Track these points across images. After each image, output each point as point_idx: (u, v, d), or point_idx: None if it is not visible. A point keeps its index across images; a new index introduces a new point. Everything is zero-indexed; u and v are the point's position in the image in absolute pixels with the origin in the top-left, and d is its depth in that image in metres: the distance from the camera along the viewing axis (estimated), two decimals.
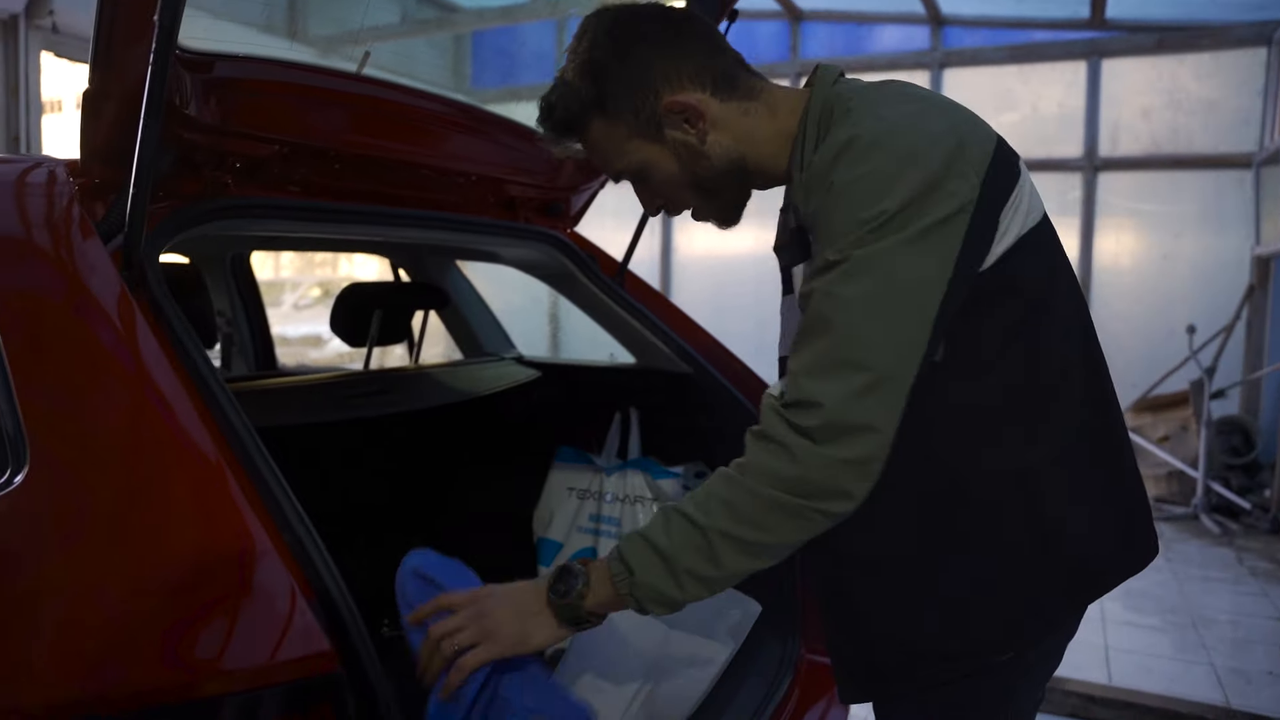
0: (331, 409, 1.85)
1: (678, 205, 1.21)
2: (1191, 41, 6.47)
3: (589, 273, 2.07)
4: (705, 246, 8.14)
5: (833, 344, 0.97)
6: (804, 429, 0.96)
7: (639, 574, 1.04)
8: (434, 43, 7.57)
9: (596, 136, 1.16)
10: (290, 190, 1.58)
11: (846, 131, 1.02)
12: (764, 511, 0.99)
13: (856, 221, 0.97)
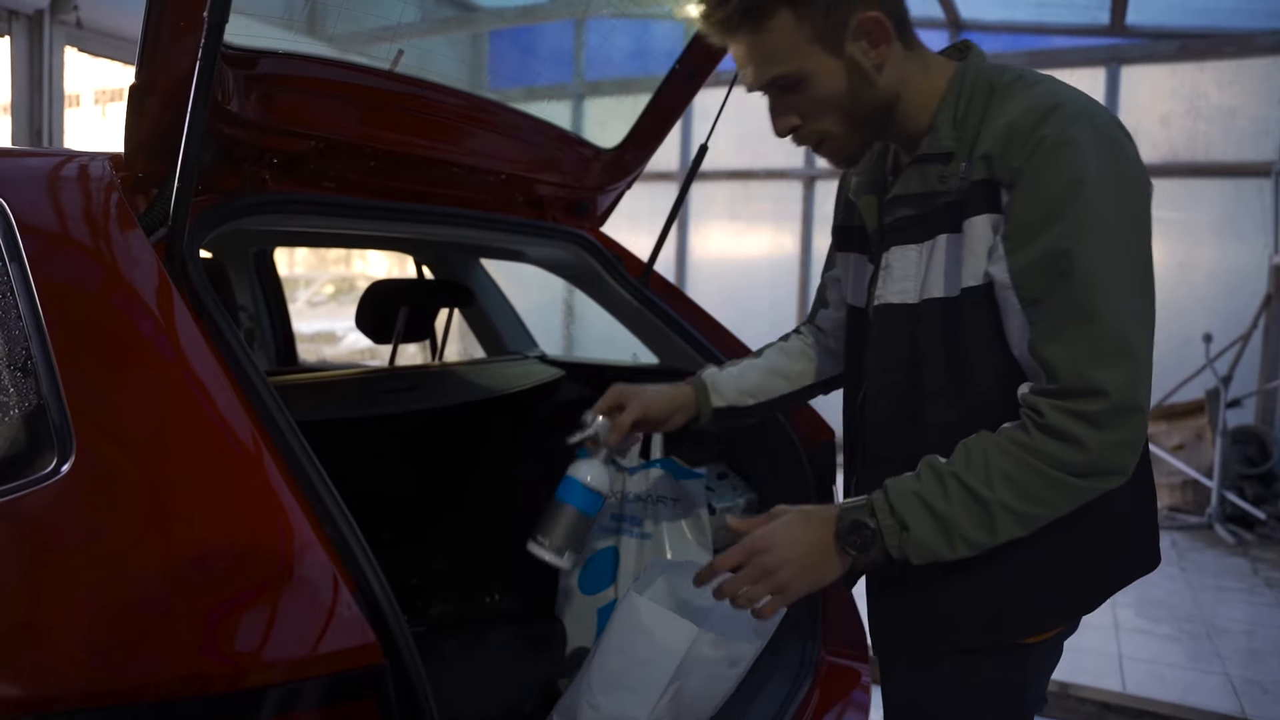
0: (364, 404, 1.87)
1: (815, 128, 1.20)
2: (1213, 49, 6.44)
3: (615, 273, 2.08)
4: (720, 249, 8.14)
5: (1103, 328, 1.03)
6: (1089, 416, 1.02)
7: (914, 532, 1.08)
8: (452, 42, 7.60)
9: (775, 31, 1.13)
10: (325, 186, 1.59)
11: (1041, 99, 1.09)
12: (1048, 490, 1.05)
13: (1074, 182, 1.04)
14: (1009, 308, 1.10)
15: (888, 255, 1.23)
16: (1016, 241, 1.07)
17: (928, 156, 1.18)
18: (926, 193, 1.18)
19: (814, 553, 1.13)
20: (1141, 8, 6.31)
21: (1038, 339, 1.06)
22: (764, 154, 7.90)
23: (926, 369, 1.18)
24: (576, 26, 8.01)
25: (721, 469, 2.16)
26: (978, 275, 1.12)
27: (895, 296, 1.21)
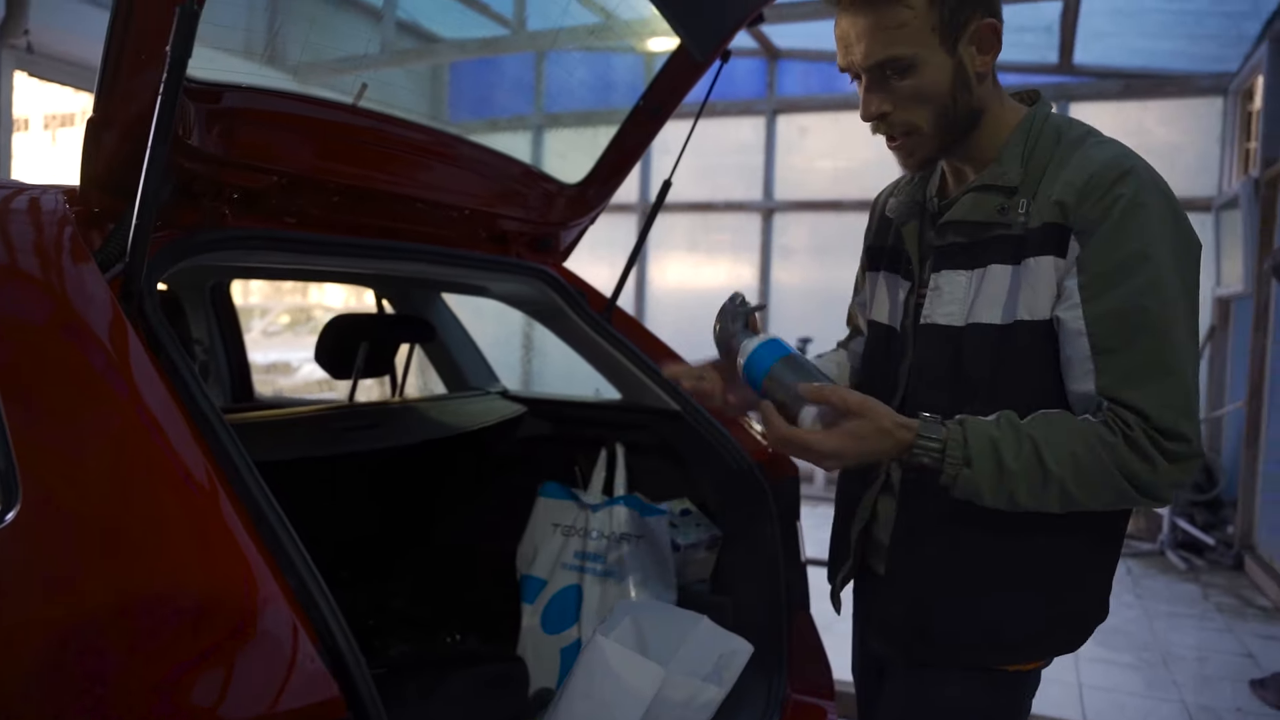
0: (323, 443, 1.83)
1: (906, 118, 1.21)
2: (1156, 88, 6.64)
3: (578, 308, 2.07)
4: (679, 279, 8.18)
5: (1182, 383, 1.13)
6: (1169, 452, 1.11)
7: (975, 468, 1.12)
8: (412, 73, 7.59)
9: (905, 14, 1.15)
10: (287, 221, 1.57)
11: (1118, 159, 1.16)
12: (1105, 488, 1.13)
13: (1148, 244, 1.12)
14: (1075, 349, 1.16)
15: (937, 277, 1.27)
16: (1092, 291, 1.13)
17: (990, 187, 1.22)
18: (983, 222, 1.22)
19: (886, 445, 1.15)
20: (1088, 48, 6.49)
21: (1114, 383, 1.13)
22: (723, 186, 7.98)
23: (967, 389, 1.23)
24: (537, 59, 8.07)
25: (685, 505, 2.15)
26: (1036, 311, 1.18)
27: (942, 318, 1.25)
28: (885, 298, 1.41)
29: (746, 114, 7.92)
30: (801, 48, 7.64)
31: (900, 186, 1.42)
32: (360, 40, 5.69)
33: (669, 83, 2.04)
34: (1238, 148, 6.34)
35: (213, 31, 1.62)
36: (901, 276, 1.37)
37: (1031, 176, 1.20)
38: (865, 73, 1.19)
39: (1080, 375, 1.16)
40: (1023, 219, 1.19)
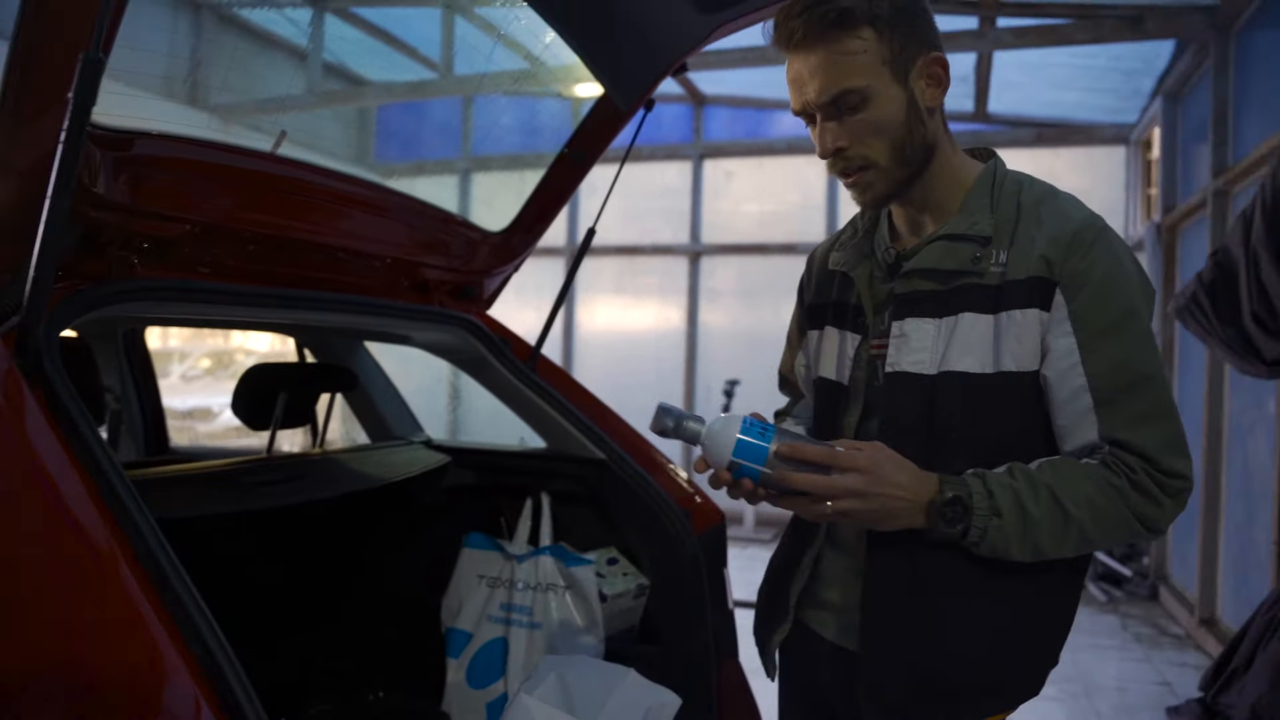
0: (239, 498, 1.77)
1: (862, 152, 1.21)
2: (1064, 137, 6.94)
3: (501, 357, 2.05)
4: (607, 322, 8.19)
5: (1177, 426, 1.19)
6: (1171, 490, 1.17)
7: (1005, 520, 1.14)
8: (339, 114, 7.52)
9: (855, 45, 1.16)
10: (200, 271, 1.52)
11: (1091, 217, 1.21)
12: (1118, 528, 1.17)
13: (1133, 300, 1.18)
14: (1074, 404, 1.18)
15: (901, 325, 1.26)
16: (1091, 348, 1.17)
17: (962, 236, 1.23)
18: (954, 270, 1.23)
19: (902, 503, 1.15)
20: (1001, 98, 6.75)
21: (1117, 428, 1.17)
22: (651, 230, 8.05)
23: (938, 438, 1.22)
24: (465, 103, 8.07)
25: (612, 554, 2.13)
26: (1023, 363, 1.19)
27: (911, 366, 1.24)
28: (832, 353, 1.38)
29: (673, 158, 8.03)
30: (727, 94, 7.80)
31: (842, 241, 1.42)
32: (285, 82, 5.62)
33: (593, 130, 2.06)
34: (1140, 194, 6.64)
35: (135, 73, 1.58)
36: (850, 330, 1.35)
37: (1002, 228, 1.22)
38: (820, 109, 1.20)
39: (1080, 429, 1.19)
40: (999, 270, 1.20)
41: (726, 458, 1.15)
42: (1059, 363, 1.18)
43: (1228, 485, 4.81)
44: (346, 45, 6.35)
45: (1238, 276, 3.25)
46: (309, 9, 5.14)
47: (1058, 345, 1.18)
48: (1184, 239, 5.56)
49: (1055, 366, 1.18)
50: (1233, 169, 4.46)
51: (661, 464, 2.09)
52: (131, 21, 1.40)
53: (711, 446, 1.16)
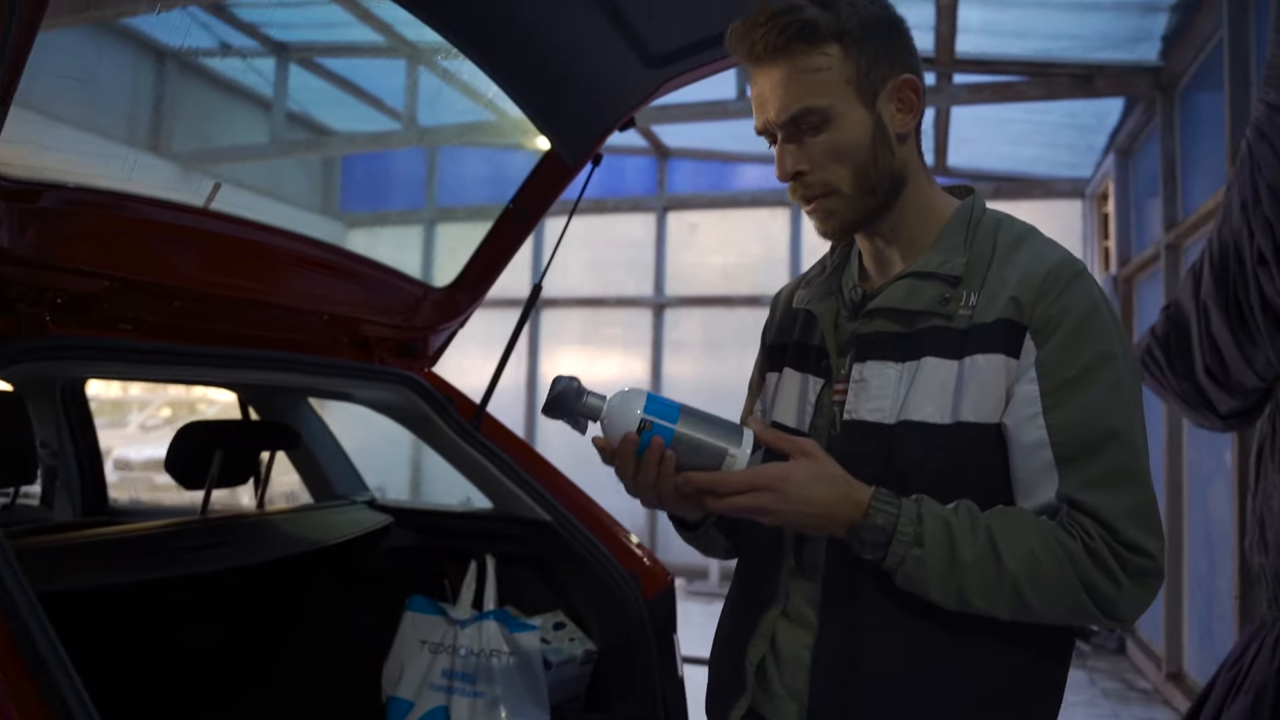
0: (167, 564, 1.69)
1: (824, 178, 1.13)
2: (1023, 191, 7.06)
3: (445, 415, 2.00)
4: (571, 374, 8.15)
5: (1147, 495, 1.05)
6: (1132, 568, 1.03)
7: (926, 554, 1.03)
8: (304, 163, 7.50)
9: (819, 61, 1.08)
10: (121, 329, 1.47)
11: (1067, 258, 1.11)
12: (1062, 596, 1.03)
13: (1108, 349, 1.07)
14: (1033, 461, 1.07)
15: (862, 368, 1.16)
16: (1056, 399, 1.06)
17: (930, 274, 1.14)
18: (919, 311, 1.13)
19: (820, 519, 1.06)
20: (960, 152, 6.86)
21: (1076, 488, 1.05)
22: (615, 281, 8.05)
23: (901, 491, 1.10)
24: (430, 153, 8.08)
25: (559, 619, 2.07)
26: (983, 414, 1.09)
27: (870, 414, 1.14)
28: (792, 397, 1.27)
29: (637, 210, 8.07)
30: (691, 147, 7.87)
31: (810, 279, 1.32)
32: (250, 129, 5.59)
33: (539, 186, 2.04)
34: (1097, 246, 6.74)
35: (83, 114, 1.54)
36: (812, 373, 1.25)
37: (974, 269, 1.12)
38: (780, 128, 1.12)
39: (1039, 486, 1.07)
40: (967, 313, 1.10)
41: (634, 419, 1.04)
42: (1019, 411, 1.07)
43: (1189, 536, 4.81)
44: (311, 94, 6.36)
45: (1189, 330, 3.27)
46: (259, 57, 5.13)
47: (1019, 392, 1.07)
48: (1140, 291, 5.64)
49: (1015, 415, 1.07)
50: (1183, 223, 4.53)
51: (609, 526, 2.04)
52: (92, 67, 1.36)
53: (617, 415, 1.05)
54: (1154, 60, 4.83)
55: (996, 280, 1.11)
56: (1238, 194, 2.73)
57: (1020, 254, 1.12)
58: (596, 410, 1.08)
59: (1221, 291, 3.02)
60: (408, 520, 2.26)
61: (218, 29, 5.48)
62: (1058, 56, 5.06)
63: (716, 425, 1.07)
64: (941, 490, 1.10)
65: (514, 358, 1.95)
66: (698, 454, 1.05)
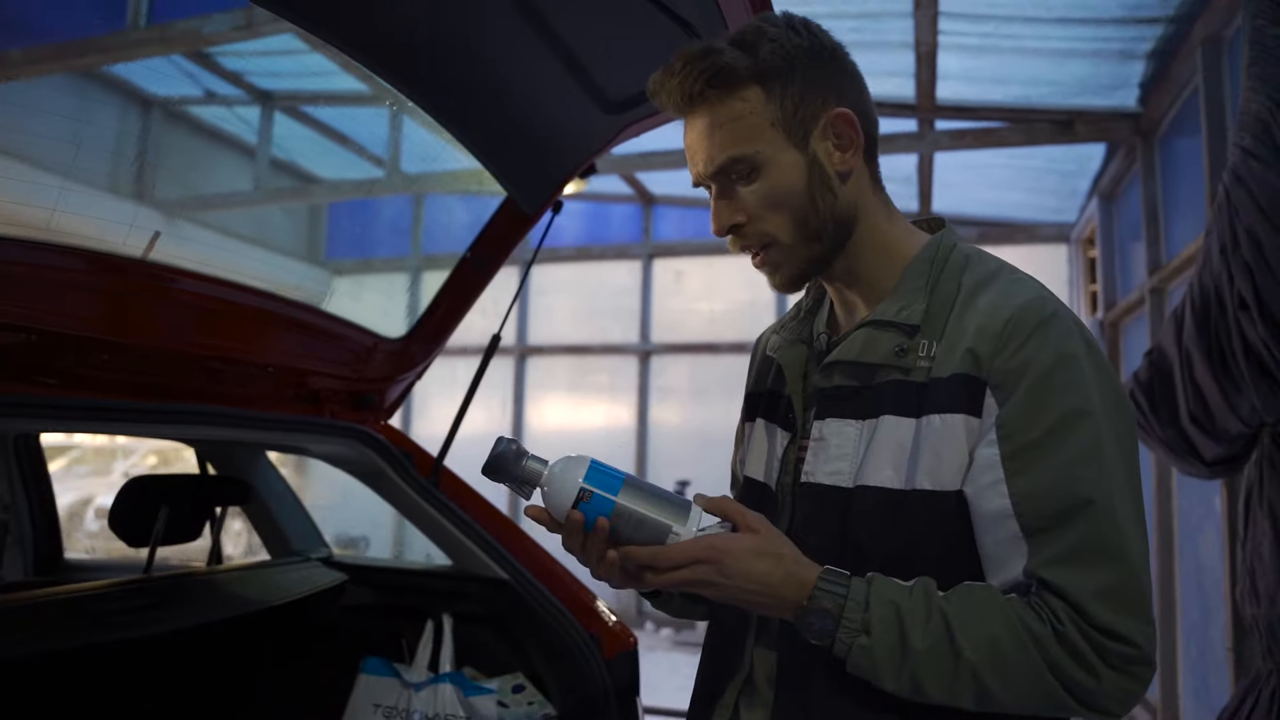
0: (90, 629, 1.59)
1: (761, 229, 1.05)
2: (1007, 235, 7.06)
3: (401, 471, 1.93)
4: (558, 421, 8.09)
5: (1128, 572, 0.93)
6: (1111, 657, 0.91)
7: (873, 643, 0.94)
8: (290, 211, 7.48)
9: (739, 106, 1.01)
10: (45, 384, 1.40)
11: (1035, 300, 1.00)
12: (1032, 687, 0.93)
13: (1082, 403, 0.95)
14: (998, 533, 0.97)
15: (822, 426, 1.08)
16: (1020, 464, 0.95)
17: (886, 323, 1.05)
18: (876, 364, 1.04)
19: (762, 597, 0.98)
20: (944, 198, 6.87)
21: (1043, 563, 0.94)
22: (601, 329, 8.02)
23: (859, 560, 1.02)
24: (416, 201, 8.08)
25: (518, 681, 1.98)
26: (941, 480, 0.99)
27: (827, 477, 1.06)
28: (762, 450, 1.19)
29: (623, 258, 8.06)
30: (676, 194, 7.88)
31: (785, 323, 1.22)
32: (233, 177, 5.59)
33: (497, 234, 1.99)
34: (1084, 291, 6.73)
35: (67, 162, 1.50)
36: (780, 426, 1.16)
37: (936, 314, 1.03)
38: (711, 180, 1.05)
39: (1006, 562, 0.97)
40: (926, 365, 1.01)
41: (574, 490, 0.98)
42: (979, 478, 0.96)
43: (1181, 585, 4.72)
44: (295, 142, 6.37)
45: (1173, 376, 3.22)
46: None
47: (980, 456, 0.96)
48: (1126, 334, 5.61)
49: (975, 483, 0.97)
50: (1166, 267, 4.50)
51: (569, 584, 1.96)
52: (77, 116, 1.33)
53: (558, 482, 0.99)
54: (1133, 106, 4.84)
55: (957, 328, 1.01)
56: (1216, 239, 2.70)
57: (984, 297, 1.02)
58: (537, 475, 1.01)
59: (1204, 337, 2.97)
60: (364, 578, 2.18)
61: (202, 78, 5.50)
62: (1037, 103, 5.08)
63: (661, 500, 0.99)
64: (901, 563, 1.00)
65: (499, 406, 1.91)
66: (640, 528, 0.98)
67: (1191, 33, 3.88)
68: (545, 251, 2.04)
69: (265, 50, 5.55)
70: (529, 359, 8.05)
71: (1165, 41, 4.16)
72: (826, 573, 0.98)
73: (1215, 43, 3.71)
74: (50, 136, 1.48)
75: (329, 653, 2.13)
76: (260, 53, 5.48)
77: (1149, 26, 4.10)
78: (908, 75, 4.85)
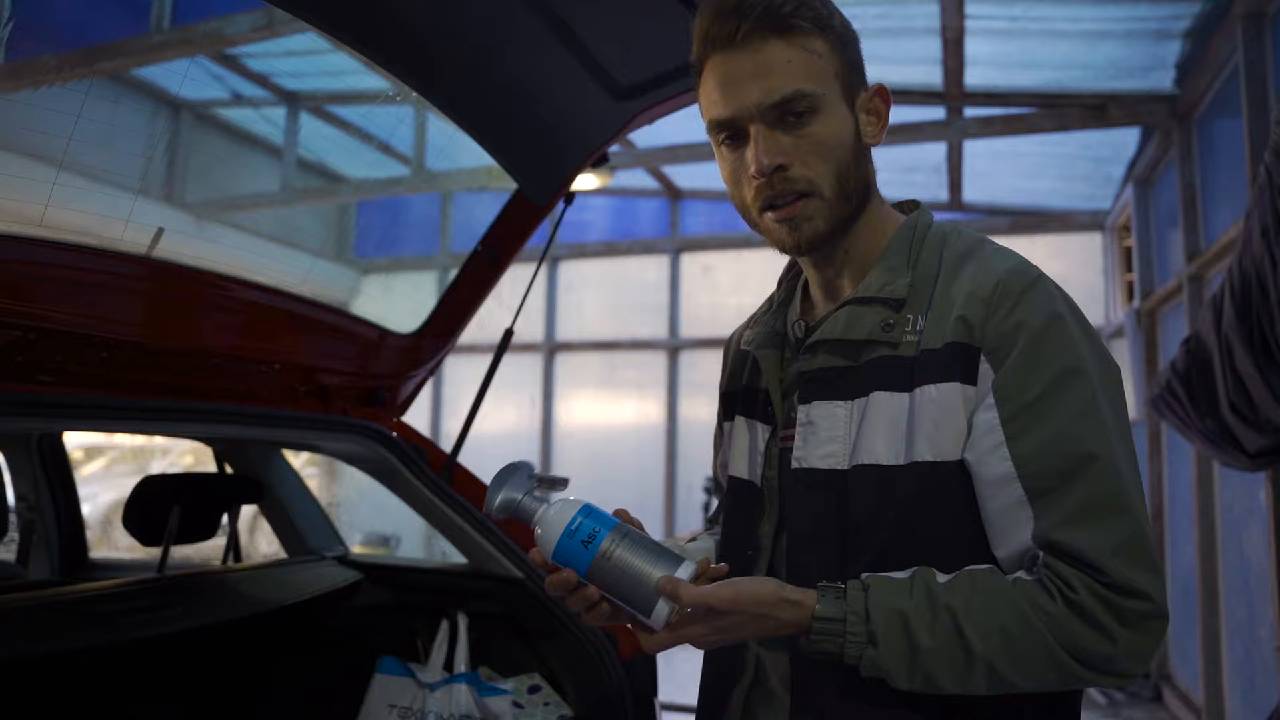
0: (93, 631, 1.58)
1: (805, 174, 1.01)
2: (1040, 224, 6.92)
3: (414, 468, 1.90)
4: (586, 418, 8.06)
5: (1137, 526, 0.93)
6: (1126, 614, 0.91)
7: (881, 649, 0.93)
8: (318, 211, 7.52)
9: (817, 45, 1.01)
10: (41, 381, 1.38)
11: (1020, 266, 1.01)
12: (1046, 668, 0.92)
13: (1075, 362, 0.96)
14: (1003, 498, 0.96)
15: (809, 410, 1.06)
16: (1019, 425, 0.95)
17: (870, 299, 1.04)
18: (863, 341, 1.04)
19: (760, 631, 0.96)
20: (975, 186, 6.75)
21: (1051, 526, 0.93)
22: (630, 325, 7.98)
23: (860, 543, 1.01)
24: (443, 198, 8.09)
25: (534, 681, 1.94)
26: (942, 451, 0.98)
27: (820, 460, 1.04)
28: (743, 448, 1.18)
29: (650, 253, 8.02)
30: (703, 188, 7.82)
31: (757, 318, 1.23)
32: (260, 178, 5.63)
33: (509, 227, 1.95)
34: (1119, 279, 6.58)
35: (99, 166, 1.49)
36: (760, 420, 1.15)
37: (920, 289, 1.03)
38: (762, 114, 1.00)
39: (1012, 528, 0.96)
40: (914, 339, 1.01)
41: (553, 544, 0.94)
42: (980, 443, 0.96)
43: (1225, 581, 4.59)
44: (319, 141, 6.40)
45: (1212, 365, 3.12)
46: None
47: (979, 422, 0.96)
48: (1164, 323, 5.47)
49: (977, 448, 0.96)
50: (1205, 253, 4.38)
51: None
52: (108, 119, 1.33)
53: (548, 527, 0.96)
54: (1169, 88, 4.71)
55: (944, 300, 1.01)
56: (1258, 221, 2.60)
57: (967, 268, 1.03)
58: (531, 514, 0.98)
59: (1244, 324, 2.87)
60: (380, 576, 2.16)
61: (229, 80, 5.54)
62: (1069, 87, 4.95)
63: (631, 576, 0.94)
64: (903, 540, 0.99)
65: (529, 403, 1.88)
66: (621, 581, 0.94)
67: (1231, 9, 3.76)
68: (572, 248, 2.01)
69: (284, 50, 5.57)
70: (558, 355, 8.03)
71: (1203, 20, 4.03)
72: (823, 597, 0.96)
73: (1257, 19, 3.59)
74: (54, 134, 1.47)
75: (343, 652, 2.11)
76: (279, 53, 5.50)
77: (1185, 5, 3.97)
78: (935, 62, 4.75)
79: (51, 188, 1.29)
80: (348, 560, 2.24)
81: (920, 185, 6.84)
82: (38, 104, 1.42)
